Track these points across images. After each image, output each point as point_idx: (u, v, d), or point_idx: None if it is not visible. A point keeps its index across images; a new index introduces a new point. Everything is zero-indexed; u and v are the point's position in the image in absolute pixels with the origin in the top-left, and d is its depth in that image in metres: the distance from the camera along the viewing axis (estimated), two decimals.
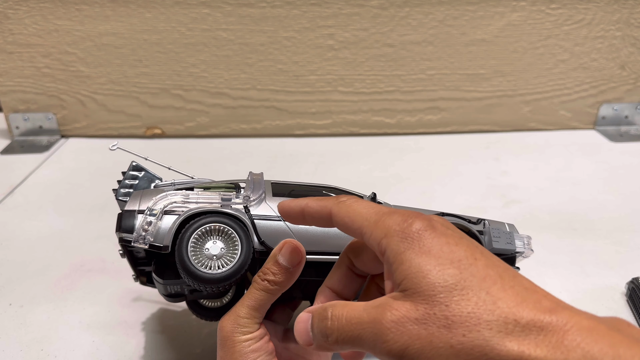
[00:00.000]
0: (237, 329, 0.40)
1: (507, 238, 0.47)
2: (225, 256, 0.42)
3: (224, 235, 0.43)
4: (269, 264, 0.41)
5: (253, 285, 0.41)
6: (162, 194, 0.44)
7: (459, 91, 1.07)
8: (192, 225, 0.42)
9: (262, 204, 0.45)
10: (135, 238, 0.42)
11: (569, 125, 1.12)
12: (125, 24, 0.99)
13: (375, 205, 0.33)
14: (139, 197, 0.45)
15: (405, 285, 0.28)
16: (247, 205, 0.44)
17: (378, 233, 0.30)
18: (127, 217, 0.43)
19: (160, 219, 0.43)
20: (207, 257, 0.42)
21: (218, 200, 0.44)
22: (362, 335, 0.28)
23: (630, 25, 1.03)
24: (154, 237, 0.42)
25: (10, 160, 1.00)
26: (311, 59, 1.03)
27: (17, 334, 0.56)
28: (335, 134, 1.10)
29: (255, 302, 0.40)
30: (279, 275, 0.40)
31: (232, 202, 0.44)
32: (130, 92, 1.05)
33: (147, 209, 0.43)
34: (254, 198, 0.45)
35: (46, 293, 0.63)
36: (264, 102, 1.07)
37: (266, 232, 0.44)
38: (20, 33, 0.99)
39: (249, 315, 0.40)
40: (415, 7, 0.99)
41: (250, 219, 0.43)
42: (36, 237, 0.75)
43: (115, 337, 0.56)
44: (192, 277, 0.41)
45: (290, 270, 0.40)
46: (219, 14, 0.99)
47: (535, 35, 1.03)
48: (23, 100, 1.05)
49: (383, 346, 0.27)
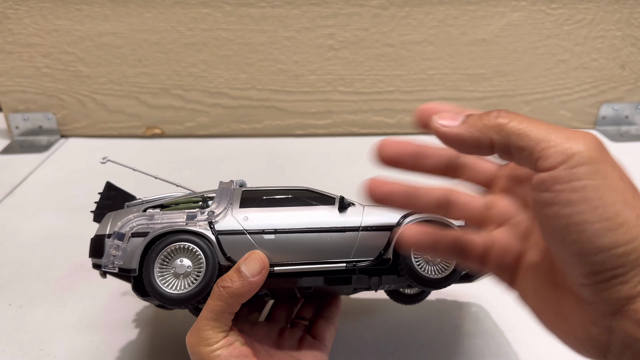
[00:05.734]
0: (200, 342, 0.40)
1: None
2: (192, 274, 0.43)
3: (190, 254, 0.43)
4: (231, 272, 0.41)
5: (211, 294, 0.41)
6: (127, 217, 0.44)
7: (459, 91, 1.07)
8: (158, 246, 0.43)
9: (228, 217, 0.44)
10: (105, 263, 0.43)
11: (569, 125, 1.12)
12: (125, 24, 0.99)
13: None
14: (109, 220, 0.46)
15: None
16: (211, 221, 0.44)
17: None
18: (97, 242, 0.45)
19: (128, 242, 0.43)
20: (174, 277, 0.43)
21: (183, 218, 0.44)
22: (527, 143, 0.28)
23: (631, 25, 1.03)
24: (122, 261, 0.43)
25: (10, 160, 1.00)
26: (311, 58, 1.03)
27: (16, 334, 0.56)
28: (335, 134, 1.10)
29: (212, 312, 0.40)
30: (236, 283, 0.40)
31: (197, 219, 0.44)
32: (130, 92, 1.05)
33: (114, 233, 0.44)
34: (219, 212, 0.44)
35: (46, 293, 0.63)
36: (264, 102, 1.07)
37: (232, 247, 0.43)
38: (20, 33, 0.99)
39: (209, 327, 0.40)
40: (415, 7, 0.99)
41: (214, 235, 0.43)
42: (36, 237, 0.75)
43: (115, 337, 0.56)
44: (160, 297, 0.42)
45: (250, 279, 0.40)
46: (219, 14, 0.99)
47: (536, 35, 1.03)
48: (23, 100, 1.05)
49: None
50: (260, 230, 0.43)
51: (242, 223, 0.44)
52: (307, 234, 0.44)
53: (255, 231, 0.43)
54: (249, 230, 0.43)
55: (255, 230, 0.44)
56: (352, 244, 0.44)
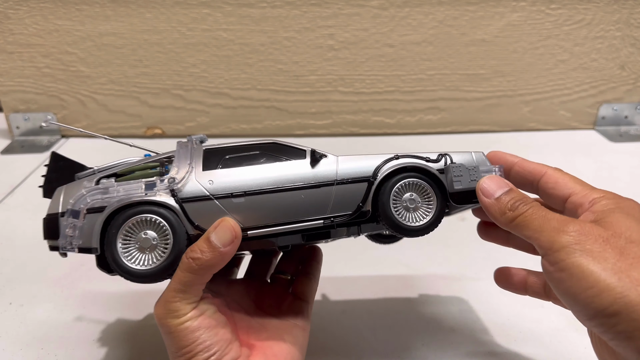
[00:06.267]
0: (168, 314, 0.38)
1: (471, 174, 0.43)
2: (159, 247, 0.40)
3: (154, 226, 0.40)
4: (200, 242, 0.39)
5: (179, 265, 0.39)
6: (80, 192, 0.40)
7: (459, 91, 1.07)
8: (117, 220, 0.39)
9: (191, 182, 0.41)
10: (63, 245, 0.40)
11: (568, 125, 1.12)
12: (125, 24, 0.99)
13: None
14: (60, 196, 0.42)
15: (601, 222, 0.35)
16: (173, 189, 0.40)
17: (594, 193, 0.39)
18: (50, 223, 0.41)
19: (84, 219, 0.40)
20: (139, 251, 0.40)
21: (141, 188, 0.40)
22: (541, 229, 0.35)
23: (630, 26, 1.03)
24: (81, 240, 0.40)
25: (10, 160, 1.00)
26: (311, 59, 1.03)
27: (17, 333, 0.56)
28: (336, 134, 1.10)
29: (181, 284, 0.38)
30: (206, 254, 0.38)
31: (157, 188, 0.40)
32: (130, 92, 1.05)
33: (67, 211, 0.40)
34: (181, 178, 0.40)
35: (46, 292, 0.63)
36: (264, 102, 1.07)
37: (199, 214, 0.40)
38: (20, 33, 0.99)
39: (177, 299, 0.38)
40: (415, 8, 0.99)
41: (178, 204, 0.40)
42: (36, 236, 0.74)
43: (115, 336, 0.56)
44: (127, 275, 0.39)
45: (221, 250, 0.38)
46: (219, 14, 0.99)
47: (535, 36, 1.03)
48: (23, 100, 1.05)
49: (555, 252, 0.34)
50: (228, 194, 0.40)
51: (208, 187, 0.40)
52: (279, 194, 0.41)
53: (222, 195, 0.40)
54: (215, 195, 0.40)
55: (223, 195, 0.40)
56: (328, 199, 0.42)
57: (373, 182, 0.42)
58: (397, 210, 0.42)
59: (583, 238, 0.33)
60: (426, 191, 0.43)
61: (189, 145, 0.43)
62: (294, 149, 0.44)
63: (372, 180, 0.42)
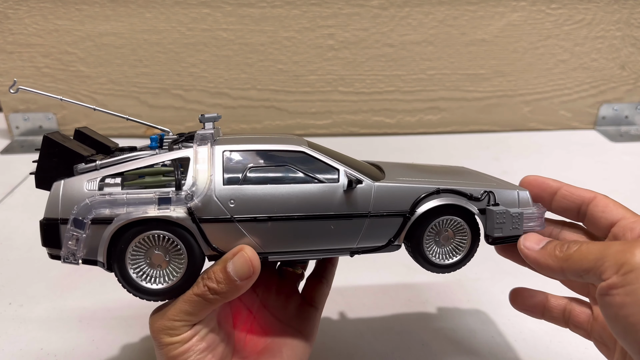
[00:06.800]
0: (163, 331, 0.37)
1: (514, 222, 0.40)
2: (171, 264, 0.37)
3: (167, 243, 0.37)
4: (216, 269, 0.36)
5: (193, 287, 0.37)
6: (84, 201, 0.36)
7: (459, 91, 1.07)
8: (127, 235, 0.36)
9: (210, 200, 0.36)
10: (65, 255, 0.36)
11: (569, 125, 1.12)
12: (125, 24, 0.99)
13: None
14: (58, 195, 0.37)
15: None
16: (190, 208, 0.36)
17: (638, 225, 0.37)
18: (49, 230, 0.37)
19: (88, 230, 0.36)
20: (149, 267, 0.37)
21: (154, 200, 0.36)
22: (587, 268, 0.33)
23: (631, 26, 1.03)
24: (85, 253, 0.36)
25: (10, 160, 1.00)
26: (311, 59, 1.03)
27: (17, 333, 0.56)
28: (336, 134, 1.10)
29: (190, 307, 0.37)
30: (222, 285, 0.36)
31: (172, 204, 0.36)
32: (130, 92, 1.05)
33: (69, 221, 0.36)
34: (199, 194, 0.36)
35: (46, 292, 0.63)
36: (264, 102, 1.07)
37: (218, 236, 0.37)
38: (20, 33, 0.99)
39: (180, 318, 0.37)
40: (415, 7, 0.99)
41: (197, 225, 0.36)
42: (36, 236, 0.74)
43: (115, 336, 0.56)
44: (137, 292, 0.37)
45: (238, 283, 0.36)
46: (219, 14, 0.99)
47: (536, 36, 1.03)
48: (23, 100, 1.05)
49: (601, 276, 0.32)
50: (251, 218, 0.37)
51: (229, 208, 0.37)
52: (307, 221, 0.38)
53: (245, 219, 0.37)
54: (237, 218, 0.37)
55: (246, 218, 0.37)
56: (359, 230, 0.39)
57: (409, 218, 0.40)
58: (428, 245, 0.41)
59: None
60: (462, 230, 0.42)
61: (207, 142, 0.39)
62: (325, 165, 0.39)
63: (408, 216, 0.40)
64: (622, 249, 0.32)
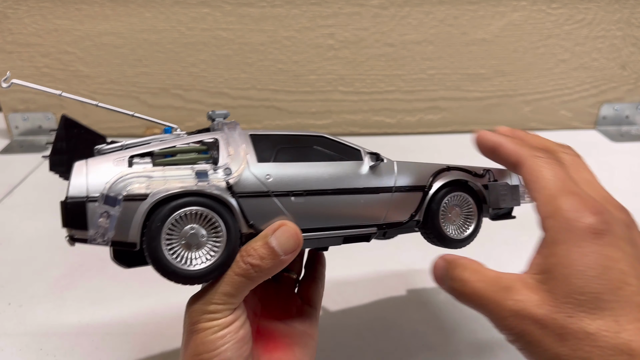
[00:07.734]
0: (205, 315, 0.35)
1: (513, 193, 0.45)
2: (208, 244, 0.35)
3: (204, 221, 0.35)
4: (257, 245, 0.35)
5: (232, 267, 0.35)
6: (118, 175, 0.34)
7: (460, 91, 1.07)
8: (162, 211, 0.34)
9: (247, 175, 0.36)
10: (93, 236, 0.33)
11: (569, 125, 1.12)
12: (124, 24, 0.99)
13: (565, 177, 0.32)
14: (83, 174, 0.34)
15: (545, 278, 0.29)
16: (229, 181, 0.35)
17: (548, 209, 0.30)
18: (75, 209, 0.33)
19: (121, 206, 0.33)
20: (184, 248, 0.35)
21: (191, 175, 0.35)
22: (482, 308, 0.31)
23: (631, 25, 1.03)
24: (115, 233, 0.34)
25: (9, 160, 1.00)
26: (311, 58, 1.03)
27: (16, 333, 0.56)
28: (336, 134, 1.09)
29: (232, 288, 0.35)
30: (266, 261, 0.34)
31: (210, 178, 0.35)
32: (129, 92, 1.05)
33: (101, 196, 0.33)
34: (236, 169, 0.36)
35: (45, 292, 0.63)
36: (264, 101, 1.06)
37: (255, 213, 0.36)
38: (19, 32, 0.99)
39: (222, 301, 0.35)
40: (415, 7, 0.99)
41: (235, 199, 0.36)
42: (35, 236, 0.75)
43: (114, 336, 0.56)
44: (172, 276, 0.34)
45: (282, 257, 0.35)
46: (219, 14, 0.98)
47: (536, 35, 1.03)
48: (22, 100, 1.05)
49: (497, 323, 0.30)
50: (287, 192, 0.37)
51: (266, 183, 0.37)
52: (340, 196, 0.38)
53: (282, 193, 0.37)
54: (275, 192, 0.37)
55: (283, 192, 0.37)
56: (386, 205, 0.40)
57: (427, 192, 0.43)
58: (443, 221, 0.43)
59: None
60: (469, 205, 0.45)
61: (236, 126, 0.38)
62: (347, 147, 0.41)
63: (427, 190, 0.43)
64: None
